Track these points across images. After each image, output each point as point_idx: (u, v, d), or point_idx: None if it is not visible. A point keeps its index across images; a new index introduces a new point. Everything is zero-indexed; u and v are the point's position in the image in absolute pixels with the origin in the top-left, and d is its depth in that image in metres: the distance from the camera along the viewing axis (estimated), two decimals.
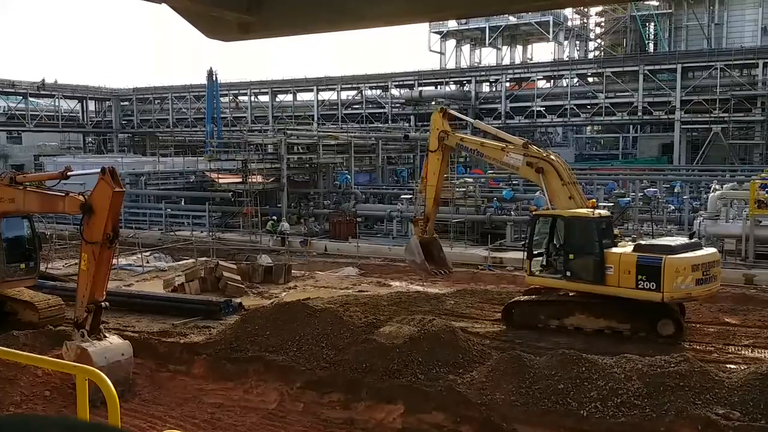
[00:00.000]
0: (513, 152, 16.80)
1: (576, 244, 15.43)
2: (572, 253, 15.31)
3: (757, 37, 55.69)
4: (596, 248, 14.89)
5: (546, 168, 16.01)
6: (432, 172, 18.35)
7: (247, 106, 66.35)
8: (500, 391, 10.98)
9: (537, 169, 16.15)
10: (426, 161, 19.15)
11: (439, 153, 18.17)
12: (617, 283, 14.62)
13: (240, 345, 13.47)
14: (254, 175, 34.59)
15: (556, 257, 15.84)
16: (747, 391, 9.99)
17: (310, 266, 25.52)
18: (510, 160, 16.82)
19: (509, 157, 16.82)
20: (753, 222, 22.96)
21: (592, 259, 14.94)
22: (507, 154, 16.89)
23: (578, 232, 15.50)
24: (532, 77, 56.17)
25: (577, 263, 15.26)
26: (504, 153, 17.01)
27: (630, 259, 14.49)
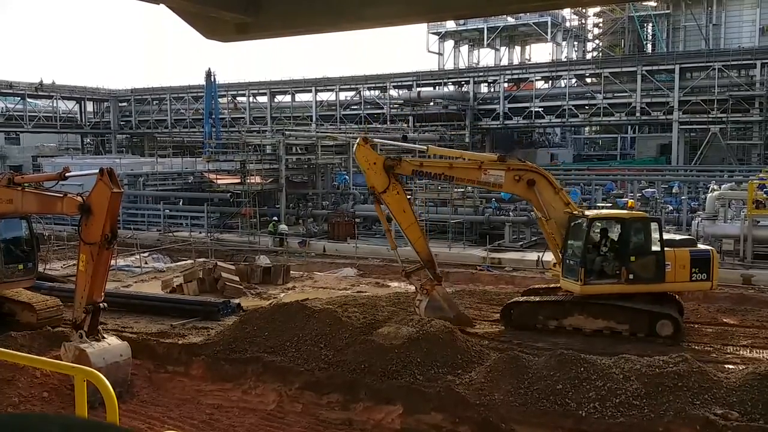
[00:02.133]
0: (493, 169, 15.33)
1: (638, 244, 15.36)
2: (634, 254, 15.18)
3: (755, 38, 55.82)
4: (659, 247, 15.19)
5: (536, 179, 15.29)
6: (400, 212, 15.73)
7: (245, 106, 66.25)
8: (499, 391, 10.98)
9: (528, 182, 15.20)
10: (378, 208, 16.33)
11: (394, 188, 15.39)
12: (674, 278, 15.17)
13: (238, 346, 13.45)
14: (253, 176, 34.58)
15: (609, 261, 15.30)
16: (745, 391, 10.00)
17: (309, 267, 25.50)
18: (490, 178, 15.32)
19: (489, 175, 15.29)
20: (751, 222, 22.98)
21: (655, 258, 15.13)
22: (485, 172, 15.32)
23: (641, 233, 15.46)
24: (530, 78, 56.24)
25: (638, 264, 15.18)
26: (481, 171, 15.37)
27: (685, 255, 15.22)
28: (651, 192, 32.34)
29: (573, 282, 15.24)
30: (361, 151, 15.49)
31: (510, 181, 15.31)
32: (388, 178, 15.26)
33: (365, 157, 15.45)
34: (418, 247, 15.85)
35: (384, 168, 15.25)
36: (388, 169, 15.25)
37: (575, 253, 15.33)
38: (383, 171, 15.25)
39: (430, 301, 15.42)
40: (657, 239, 15.29)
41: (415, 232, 15.93)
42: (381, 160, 15.47)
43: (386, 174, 15.25)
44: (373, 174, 15.36)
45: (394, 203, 15.56)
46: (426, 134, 50.57)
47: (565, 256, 15.39)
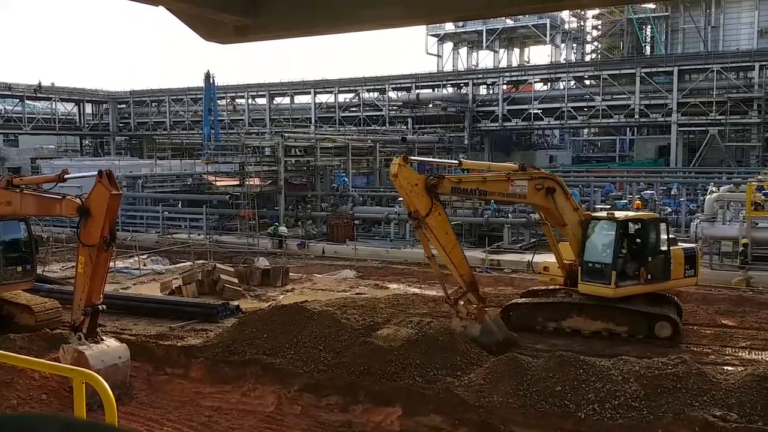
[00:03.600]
0: (518, 179, 14.81)
1: (655, 245, 15.54)
2: (652, 255, 15.33)
3: (753, 40, 55.89)
4: (668, 246, 15.50)
5: (555, 187, 15.03)
6: (443, 234, 14.31)
7: (244, 108, 66.28)
8: (498, 393, 10.97)
9: (548, 190, 14.87)
10: (422, 234, 14.70)
11: (436, 209, 14.01)
12: (674, 276, 15.59)
13: (237, 348, 13.44)
14: (251, 178, 34.58)
15: (634, 262, 15.25)
16: (744, 392, 10.00)
17: (308, 269, 25.48)
18: (516, 189, 14.80)
19: (515, 186, 14.78)
20: (750, 224, 22.99)
21: (665, 257, 15.45)
22: (512, 183, 14.75)
23: (657, 233, 15.67)
24: (529, 80, 56.30)
25: (654, 264, 15.36)
26: (509, 183, 14.76)
27: (681, 253, 15.75)
28: (650, 194, 32.37)
29: (603, 286, 14.97)
30: (402, 172, 13.78)
31: (532, 190, 14.81)
32: (429, 199, 13.92)
33: (407, 179, 13.86)
34: (462, 270, 14.45)
35: (425, 188, 13.90)
36: (429, 189, 13.91)
37: (603, 256, 15.14)
38: (425, 192, 13.89)
39: (484, 326, 14.19)
40: (665, 239, 15.63)
41: (458, 254, 14.52)
42: (422, 180, 14.05)
43: (428, 195, 13.92)
44: (416, 196, 13.86)
45: (438, 226, 14.16)
46: (425, 136, 50.61)
47: (588, 259, 15.20)
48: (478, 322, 14.21)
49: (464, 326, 14.23)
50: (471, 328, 14.16)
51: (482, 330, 14.11)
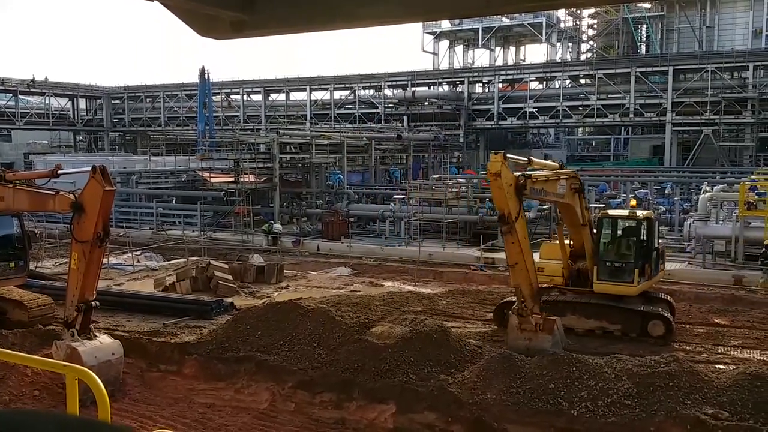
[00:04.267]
0: (562, 179, 14.44)
1: (654, 241, 15.91)
2: (654, 251, 15.75)
3: (747, 40, 56.07)
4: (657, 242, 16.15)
5: (580, 186, 14.94)
6: (526, 239, 13.31)
7: (239, 105, 66.16)
8: (491, 390, 11.00)
9: (576, 190, 14.75)
10: (509, 240, 13.21)
11: (521, 211, 13.06)
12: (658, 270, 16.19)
13: (231, 345, 13.43)
14: (246, 175, 34.52)
15: (639, 260, 15.26)
16: (736, 391, 10.05)
17: (303, 266, 25.47)
18: (560, 188, 14.30)
19: (560, 186, 14.30)
20: (742, 223, 23.10)
21: (657, 253, 15.98)
22: (558, 182, 14.28)
23: (655, 231, 16.09)
24: (524, 78, 56.32)
25: (654, 260, 15.75)
26: (558, 182, 14.28)
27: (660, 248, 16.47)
28: (644, 193, 32.46)
29: (625, 284, 14.99)
30: (504, 171, 12.70)
31: (568, 189, 14.53)
32: (518, 200, 12.99)
33: (506, 179, 12.73)
34: (534, 278, 13.57)
35: (516, 189, 12.86)
36: (519, 190, 12.92)
37: (625, 254, 15.32)
38: (515, 193, 12.88)
39: (554, 337, 13.36)
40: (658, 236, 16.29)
41: (532, 262, 13.63)
42: (514, 179, 12.90)
43: (517, 196, 12.96)
44: (510, 197, 12.78)
45: (522, 230, 13.13)
46: (420, 134, 50.60)
47: (606, 258, 15.28)
48: (547, 333, 13.32)
49: (529, 339, 13.30)
50: (540, 340, 13.26)
51: (553, 341, 13.32)
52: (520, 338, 13.42)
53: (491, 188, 13.53)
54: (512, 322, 13.64)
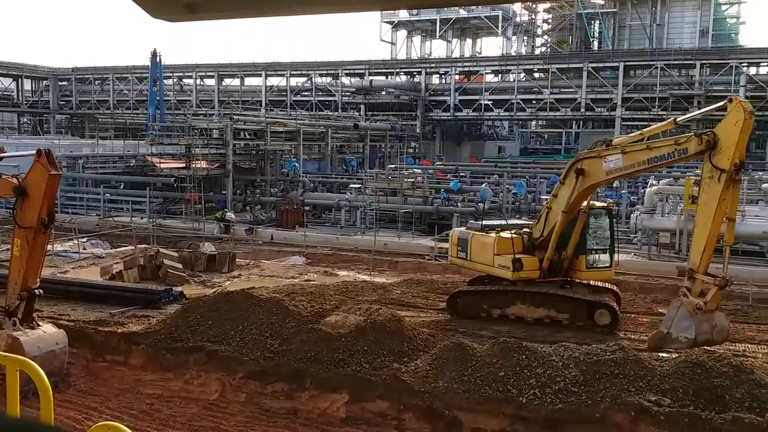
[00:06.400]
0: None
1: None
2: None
3: (695, 39, 57.78)
4: None
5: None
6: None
7: (192, 89, 64.93)
8: (443, 378, 11.12)
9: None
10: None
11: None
12: None
13: (180, 335, 13.21)
14: (198, 161, 33.91)
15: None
16: (677, 378, 10.40)
17: (256, 255, 25.22)
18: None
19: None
20: (687, 216, 23.84)
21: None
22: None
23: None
24: (480, 71, 56.81)
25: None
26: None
27: None
28: None
29: (606, 269, 16.08)
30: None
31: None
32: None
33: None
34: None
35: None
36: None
37: (605, 242, 16.10)
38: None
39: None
40: None
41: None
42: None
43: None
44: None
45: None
46: (377, 123, 50.57)
47: (591, 247, 15.87)
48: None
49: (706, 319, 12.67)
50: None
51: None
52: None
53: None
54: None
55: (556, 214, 15.30)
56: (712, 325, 12.51)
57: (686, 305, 12.58)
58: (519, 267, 15.43)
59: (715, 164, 12.33)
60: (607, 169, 14.27)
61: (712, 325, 12.52)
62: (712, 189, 12.37)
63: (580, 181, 14.60)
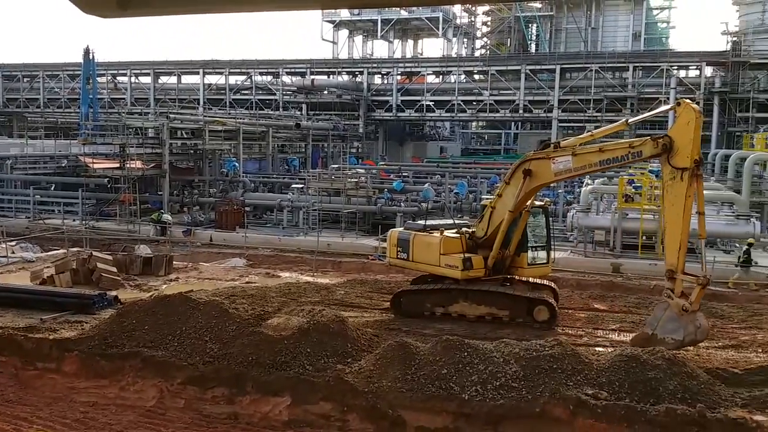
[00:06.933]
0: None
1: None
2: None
3: (628, 42, 59.88)
4: None
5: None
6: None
7: (126, 87, 63.16)
8: (387, 378, 11.11)
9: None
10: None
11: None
12: None
13: (116, 340, 12.78)
14: (133, 161, 32.97)
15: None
16: (614, 372, 10.70)
17: (194, 257, 24.70)
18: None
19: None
20: (620, 215, 24.67)
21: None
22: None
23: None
24: (422, 72, 57.28)
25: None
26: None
27: None
28: None
29: (543, 266, 16.47)
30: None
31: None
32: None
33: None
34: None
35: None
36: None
37: (544, 239, 16.45)
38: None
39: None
40: None
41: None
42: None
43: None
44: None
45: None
46: (320, 123, 50.28)
47: (532, 245, 16.21)
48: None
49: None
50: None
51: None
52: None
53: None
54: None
55: (500, 213, 15.51)
56: (696, 326, 12.66)
57: (674, 307, 12.66)
58: (469, 266, 15.60)
59: (674, 165, 12.68)
60: (556, 170, 14.49)
61: (696, 325, 12.67)
62: (676, 189, 12.68)
63: (527, 181, 14.81)
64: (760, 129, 42.55)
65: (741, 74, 46.99)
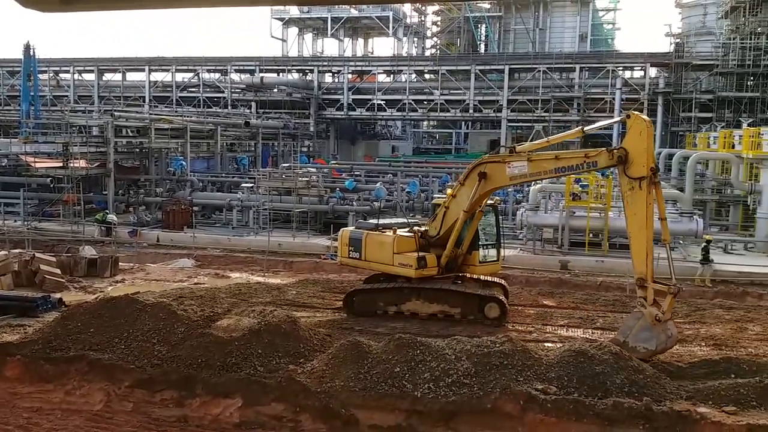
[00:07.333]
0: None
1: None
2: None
3: (575, 43, 61.23)
4: None
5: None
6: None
7: (69, 84, 61.29)
8: (340, 378, 11.10)
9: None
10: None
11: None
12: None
13: (60, 344, 12.44)
14: (77, 160, 31.98)
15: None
16: (562, 367, 10.95)
17: (140, 258, 24.19)
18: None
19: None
20: (568, 213, 25.23)
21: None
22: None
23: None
24: (373, 71, 57.31)
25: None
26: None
27: None
28: None
29: (493, 264, 16.90)
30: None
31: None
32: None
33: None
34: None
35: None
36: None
37: (495, 237, 16.81)
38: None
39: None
40: None
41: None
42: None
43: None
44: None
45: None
46: (269, 121, 49.77)
47: (483, 243, 16.50)
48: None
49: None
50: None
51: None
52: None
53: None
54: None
55: (454, 213, 15.66)
56: (667, 335, 12.80)
57: (647, 317, 12.72)
58: (423, 265, 15.69)
59: (631, 175, 12.90)
60: (511, 174, 14.68)
61: (668, 335, 12.81)
62: (636, 198, 12.89)
63: (482, 184, 14.97)
64: (702, 128, 43.95)
65: (684, 75, 48.44)
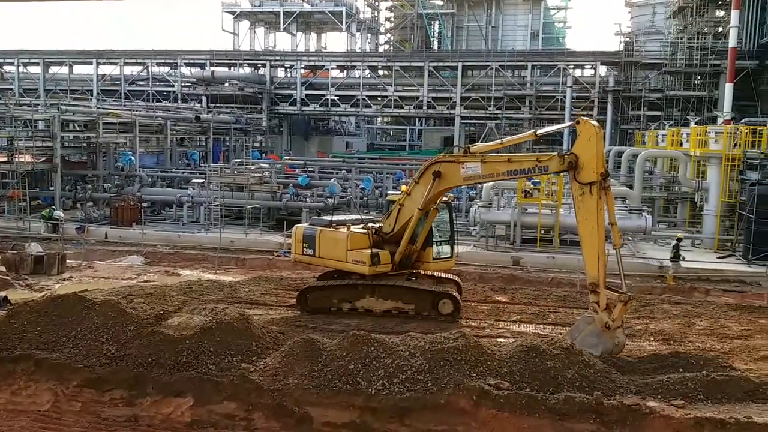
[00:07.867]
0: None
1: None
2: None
3: (527, 41, 62.20)
4: None
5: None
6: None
7: (14, 77, 59.36)
8: (293, 375, 11.06)
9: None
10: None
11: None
12: None
13: (6, 343, 12.10)
14: (22, 155, 30.98)
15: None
16: (515, 362, 11.13)
17: (88, 255, 23.58)
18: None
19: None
20: (520, 210, 25.67)
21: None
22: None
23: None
24: (326, 66, 57.08)
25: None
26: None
27: None
28: None
29: (447, 260, 17.14)
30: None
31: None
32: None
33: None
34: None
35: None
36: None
37: (448, 234, 17.03)
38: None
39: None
40: None
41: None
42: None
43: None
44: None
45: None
46: (221, 116, 49.06)
47: (438, 237, 16.76)
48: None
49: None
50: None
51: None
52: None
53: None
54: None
55: (409, 210, 15.76)
56: (615, 343, 12.87)
57: (597, 323, 12.78)
58: (377, 261, 15.73)
59: (581, 181, 12.97)
60: (464, 175, 14.83)
61: (615, 342, 12.88)
62: (587, 203, 12.96)
63: (436, 183, 15.08)
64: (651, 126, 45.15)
65: (633, 74, 49.64)
